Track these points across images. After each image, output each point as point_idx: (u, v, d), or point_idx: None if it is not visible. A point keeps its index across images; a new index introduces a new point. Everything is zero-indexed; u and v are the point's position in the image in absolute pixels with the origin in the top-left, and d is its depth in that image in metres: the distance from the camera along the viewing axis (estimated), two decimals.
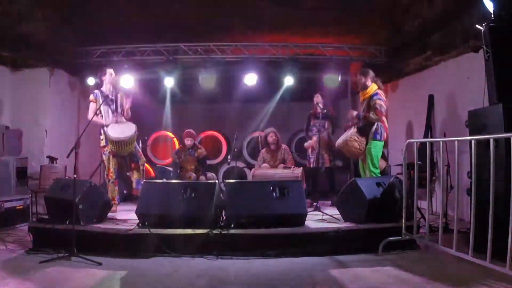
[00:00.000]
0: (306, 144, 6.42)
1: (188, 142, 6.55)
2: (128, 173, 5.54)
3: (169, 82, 7.49)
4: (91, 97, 5.29)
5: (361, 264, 3.60)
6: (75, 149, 3.95)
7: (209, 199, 4.12)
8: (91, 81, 7.12)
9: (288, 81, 7.36)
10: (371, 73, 5.18)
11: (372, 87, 5.08)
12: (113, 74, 5.45)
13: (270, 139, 6.46)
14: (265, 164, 6.47)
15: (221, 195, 4.42)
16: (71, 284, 3.11)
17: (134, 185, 5.50)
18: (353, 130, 5.08)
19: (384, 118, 5.06)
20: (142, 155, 5.59)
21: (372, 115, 4.97)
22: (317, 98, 6.45)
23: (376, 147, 4.98)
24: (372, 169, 4.97)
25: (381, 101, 4.97)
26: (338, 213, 4.61)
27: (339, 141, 5.18)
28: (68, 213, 3.90)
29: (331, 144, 6.32)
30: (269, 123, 7.38)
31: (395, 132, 7.11)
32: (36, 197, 5.81)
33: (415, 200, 4.09)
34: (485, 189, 3.10)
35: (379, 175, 5.02)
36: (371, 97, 5.04)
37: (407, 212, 3.98)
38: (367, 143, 5.00)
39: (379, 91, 5.05)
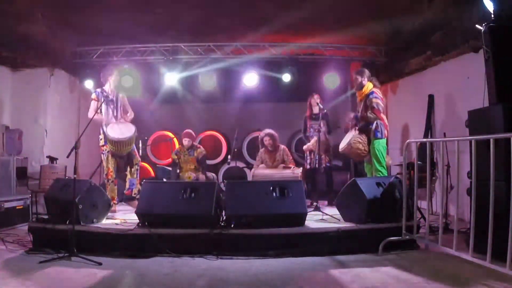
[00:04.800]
0: (305, 147, 6.41)
1: (185, 142, 6.53)
2: (126, 173, 5.54)
3: (169, 82, 7.49)
4: (93, 95, 5.30)
5: (361, 264, 3.60)
6: (75, 149, 3.95)
7: (209, 199, 4.11)
8: (89, 84, 7.12)
9: (288, 81, 7.36)
10: (367, 72, 5.23)
11: (368, 86, 5.11)
12: (119, 74, 5.46)
13: (266, 142, 6.45)
14: (262, 165, 6.46)
15: (221, 195, 4.42)
16: (71, 284, 3.10)
17: (127, 185, 5.50)
18: (354, 132, 5.07)
19: (383, 116, 5.06)
20: (138, 155, 5.58)
21: (370, 114, 5.00)
22: (313, 100, 6.41)
23: (379, 146, 4.97)
24: (379, 168, 4.94)
25: (378, 99, 4.99)
26: (338, 213, 4.61)
27: (343, 145, 5.15)
28: (68, 213, 3.90)
29: (328, 144, 6.31)
30: (269, 123, 7.36)
31: (395, 132, 7.10)
32: (36, 197, 5.82)
33: (415, 200, 4.08)
34: (485, 189, 3.10)
35: (386, 175, 5.00)
36: (367, 96, 5.07)
37: (407, 212, 3.98)
38: (369, 143, 5.00)
39: (375, 89, 5.08)
